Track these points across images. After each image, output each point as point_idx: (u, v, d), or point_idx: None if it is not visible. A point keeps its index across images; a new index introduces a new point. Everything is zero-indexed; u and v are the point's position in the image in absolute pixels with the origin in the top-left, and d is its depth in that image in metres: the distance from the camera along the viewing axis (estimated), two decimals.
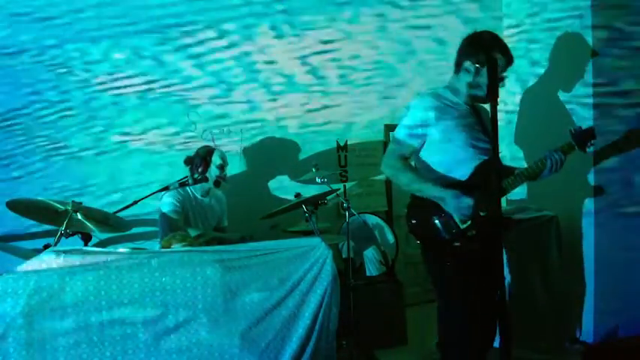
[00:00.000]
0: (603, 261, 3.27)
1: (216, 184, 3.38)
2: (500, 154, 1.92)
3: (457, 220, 2.33)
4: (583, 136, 2.50)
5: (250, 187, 3.89)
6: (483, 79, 2.32)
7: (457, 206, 2.29)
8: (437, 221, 2.35)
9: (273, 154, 3.95)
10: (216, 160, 3.40)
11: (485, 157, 2.39)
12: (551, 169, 2.43)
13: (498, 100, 1.88)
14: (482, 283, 2.34)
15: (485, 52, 2.32)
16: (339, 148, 4.03)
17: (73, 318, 2.25)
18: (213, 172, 3.38)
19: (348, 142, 4.01)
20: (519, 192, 3.62)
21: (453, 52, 2.52)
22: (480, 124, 2.45)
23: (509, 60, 2.39)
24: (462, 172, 2.38)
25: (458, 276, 2.34)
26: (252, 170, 3.92)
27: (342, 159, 4.04)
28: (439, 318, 2.56)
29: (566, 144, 2.49)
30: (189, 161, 3.42)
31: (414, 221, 2.42)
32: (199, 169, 3.36)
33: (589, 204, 3.27)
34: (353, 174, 4.06)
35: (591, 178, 3.26)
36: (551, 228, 3.22)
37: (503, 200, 3.53)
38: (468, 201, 2.28)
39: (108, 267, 2.31)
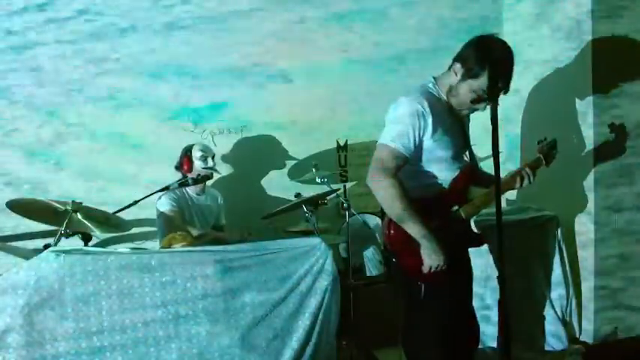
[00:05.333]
0: (603, 261, 3.27)
1: (205, 178, 3.24)
2: (500, 154, 1.92)
3: None
4: (546, 149, 2.38)
5: (243, 187, 3.88)
6: (463, 89, 2.14)
7: (429, 252, 2.11)
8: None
9: (257, 152, 3.92)
10: (196, 153, 3.35)
11: (461, 165, 2.23)
12: (521, 183, 2.29)
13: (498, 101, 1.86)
14: (458, 296, 2.27)
15: (479, 65, 2.08)
16: (339, 148, 4.03)
17: (73, 318, 2.26)
18: (198, 166, 3.33)
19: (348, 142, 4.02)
20: (519, 192, 3.62)
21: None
22: (461, 129, 2.27)
23: (505, 86, 2.08)
24: (445, 178, 2.21)
25: (433, 292, 2.17)
26: (240, 171, 3.90)
27: (342, 159, 4.04)
28: (405, 333, 2.36)
29: (534, 160, 2.36)
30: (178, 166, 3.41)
31: (392, 231, 2.18)
32: (184, 168, 3.34)
33: (589, 204, 3.27)
34: (353, 174, 4.06)
35: (591, 178, 3.26)
36: (552, 228, 3.23)
37: (503, 200, 3.52)
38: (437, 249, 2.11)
39: (108, 267, 2.31)
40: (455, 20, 4.09)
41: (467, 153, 2.31)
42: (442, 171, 2.20)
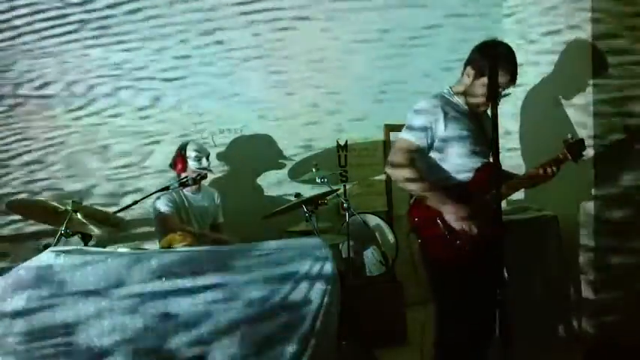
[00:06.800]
0: (603, 260, 3.27)
1: (203, 177, 3.23)
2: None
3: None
4: (576, 148, 2.53)
5: (242, 186, 3.89)
6: (477, 88, 2.39)
7: (455, 217, 2.32)
8: (438, 220, 2.36)
9: (257, 151, 3.93)
10: (190, 153, 3.30)
11: (484, 161, 2.43)
12: (545, 179, 2.49)
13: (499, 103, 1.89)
14: (483, 281, 2.34)
15: (486, 61, 2.32)
16: (339, 148, 4.03)
17: (73, 318, 2.25)
18: (192, 166, 3.29)
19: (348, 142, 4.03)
20: (519, 192, 3.62)
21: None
22: (480, 128, 2.46)
23: (511, 79, 2.38)
24: (462, 172, 2.41)
25: (458, 275, 2.34)
26: (240, 170, 3.91)
27: (342, 159, 4.04)
28: (436, 317, 2.55)
29: (560, 154, 2.53)
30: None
31: (416, 219, 2.44)
32: (178, 167, 3.32)
33: (589, 204, 3.28)
34: (353, 174, 4.06)
35: (591, 178, 3.26)
36: (552, 228, 3.23)
37: (504, 201, 3.53)
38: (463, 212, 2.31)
39: (108, 267, 2.31)
40: None
41: (488, 152, 2.47)
42: (459, 166, 2.40)
